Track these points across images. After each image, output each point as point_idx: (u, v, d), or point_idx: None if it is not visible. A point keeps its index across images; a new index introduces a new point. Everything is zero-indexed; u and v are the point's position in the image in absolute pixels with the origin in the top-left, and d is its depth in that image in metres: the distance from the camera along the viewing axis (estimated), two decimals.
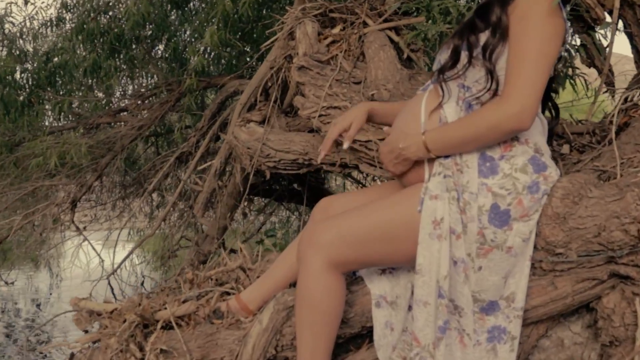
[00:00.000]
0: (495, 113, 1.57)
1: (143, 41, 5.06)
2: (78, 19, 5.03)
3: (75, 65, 4.87)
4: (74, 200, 5.36)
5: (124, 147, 5.20)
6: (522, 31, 1.60)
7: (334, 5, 3.12)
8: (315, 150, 3.27)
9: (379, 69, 2.79)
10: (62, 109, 4.97)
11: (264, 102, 3.78)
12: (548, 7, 1.60)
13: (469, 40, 1.69)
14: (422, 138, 1.66)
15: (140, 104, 5.12)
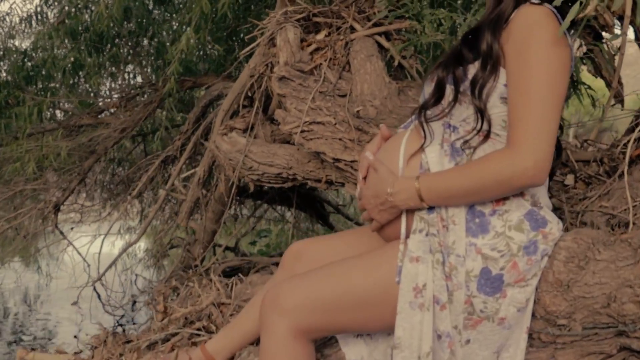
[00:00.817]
0: (506, 167, 1.31)
1: (126, 38, 4.80)
2: (58, 15, 4.77)
3: (55, 65, 4.61)
4: (57, 204, 5.15)
5: (107, 149, 4.97)
6: (523, 65, 1.34)
7: (318, 8, 2.86)
8: (299, 165, 3.04)
9: (365, 82, 2.54)
10: (42, 109, 4.73)
11: (247, 108, 3.54)
12: (552, 34, 1.35)
13: (454, 73, 1.44)
14: (416, 184, 1.40)
15: (124, 105, 4.87)
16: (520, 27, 1.37)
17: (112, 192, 5.83)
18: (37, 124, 4.97)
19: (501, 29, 1.41)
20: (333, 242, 1.76)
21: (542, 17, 1.36)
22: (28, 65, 4.82)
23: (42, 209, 5.08)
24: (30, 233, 5.38)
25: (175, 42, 3.61)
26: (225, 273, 5.74)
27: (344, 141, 2.61)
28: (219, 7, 3.08)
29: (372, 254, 1.49)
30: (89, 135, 4.78)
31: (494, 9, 1.45)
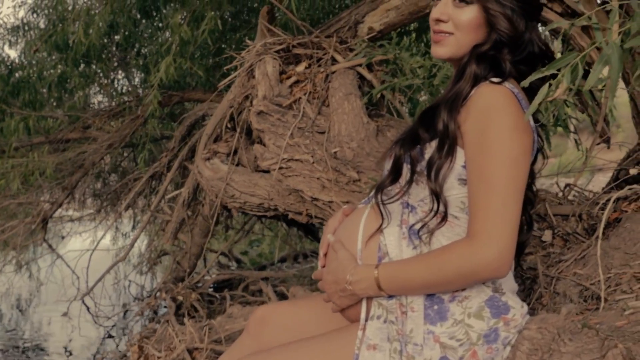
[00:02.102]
0: (467, 260, 1.25)
1: (112, 51, 4.74)
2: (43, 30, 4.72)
3: (41, 79, 4.56)
4: (45, 218, 5.11)
5: (94, 164, 4.92)
6: (482, 151, 1.28)
7: (298, 40, 2.79)
8: (280, 197, 2.99)
9: (343, 122, 2.48)
10: (28, 124, 4.68)
11: (231, 132, 3.48)
12: (512, 118, 1.29)
13: (410, 154, 1.38)
14: (375, 273, 1.35)
15: (111, 118, 4.82)
16: (479, 109, 1.31)
17: (102, 204, 5.79)
18: (24, 138, 4.93)
19: (458, 107, 1.35)
20: (298, 310, 1.70)
21: (501, 100, 1.30)
22: (14, 79, 4.76)
23: (30, 223, 5.04)
24: (19, 245, 5.36)
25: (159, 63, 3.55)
26: (217, 284, 5.74)
27: (322, 180, 2.56)
28: (199, 34, 3.01)
29: (331, 337, 1.44)
30: (76, 150, 4.73)
31: (451, 88, 1.39)
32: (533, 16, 1.43)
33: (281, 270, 6.02)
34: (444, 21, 1.41)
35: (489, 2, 1.36)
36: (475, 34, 1.40)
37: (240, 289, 5.21)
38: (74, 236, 6.11)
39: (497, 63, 1.37)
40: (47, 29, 4.76)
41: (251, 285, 5.22)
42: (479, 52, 1.38)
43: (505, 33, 1.36)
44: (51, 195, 5.14)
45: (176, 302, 5.21)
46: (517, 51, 1.39)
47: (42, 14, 5.04)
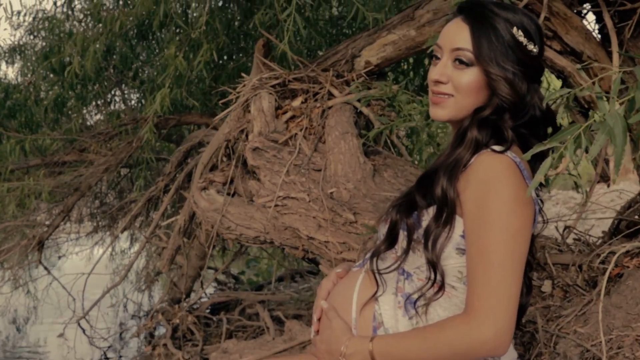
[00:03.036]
0: (463, 337, 1.21)
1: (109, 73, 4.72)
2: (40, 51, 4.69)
3: (37, 102, 4.53)
4: (41, 240, 5.07)
5: (90, 187, 4.89)
6: (482, 223, 1.24)
7: (294, 74, 2.76)
8: (276, 231, 2.95)
9: (339, 162, 2.45)
10: (25, 147, 4.64)
11: (227, 161, 3.45)
12: (513, 190, 1.25)
13: (407, 222, 1.34)
14: (370, 347, 1.31)
15: (107, 142, 4.78)
16: (479, 179, 1.27)
17: (99, 224, 5.75)
18: (20, 160, 4.89)
19: (458, 174, 1.31)
20: None
21: (503, 171, 1.26)
22: (10, 102, 4.73)
23: (26, 245, 5.01)
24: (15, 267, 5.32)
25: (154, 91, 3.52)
26: (214, 305, 5.69)
27: (318, 220, 2.52)
28: (195, 65, 2.98)
29: None
30: (72, 174, 4.69)
31: (451, 153, 1.35)
32: (535, 78, 1.39)
33: (278, 290, 5.98)
34: (443, 82, 1.36)
35: (489, 66, 1.31)
36: (475, 97, 1.36)
37: (237, 312, 5.16)
38: (70, 256, 6.07)
39: (498, 129, 1.33)
40: (43, 51, 4.73)
41: (248, 309, 5.17)
42: (480, 117, 1.34)
43: (506, 98, 1.32)
44: (48, 217, 5.11)
45: (172, 325, 5.17)
46: (519, 115, 1.35)
47: (39, 36, 5.02)
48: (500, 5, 1.36)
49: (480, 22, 1.33)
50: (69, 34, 4.63)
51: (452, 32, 1.37)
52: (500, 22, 1.32)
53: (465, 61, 1.33)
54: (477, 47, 1.32)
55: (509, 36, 1.32)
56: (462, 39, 1.34)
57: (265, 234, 2.99)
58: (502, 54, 1.31)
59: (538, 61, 1.38)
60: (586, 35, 2.45)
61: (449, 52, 1.35)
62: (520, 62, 1.33)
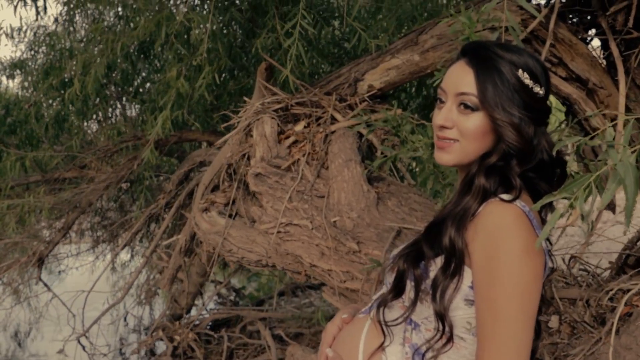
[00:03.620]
0: None
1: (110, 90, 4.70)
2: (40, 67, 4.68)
3: (38, 120, 4.51)
4: (41, 257, 5.05)
5: (91, 203, 4.86)
6: (491, 276, 1.21)
7: (296, 99, 2.74)
8: (278, 256, 2.92)
9: (343, 190, 2.42)
10: (25, 164, 4.62)
11: (228, 182, 3.42)
12: (523, 242, 1.21)
13: (414, 273, 1.31)
14: None
15: (108, 158, 4.76)
16: (488, 230, 1.23)
17: (99, 239, 5.73)
18: (21, 176, 4.87)
19: (466, 224, 1.28)
20: None
21: (512, 221, 1.23)
22: (10, 119, 4.71)
23: (26, 262, 4.98)
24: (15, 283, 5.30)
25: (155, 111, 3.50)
26: (214, 322, 5.66)
27: (321, 247, 2.49)
28: (196, 88, 2.96)
29: None
30: (72, 191, 4.67)
31: (458, 201, 1.32)
32: (541, 121, 1.35)
33: (279, 305, 5.94)
34: (448, 128, 1.33)
35: (495, 111, 1.28)
36: (481, 142, 1.32)
37: (238, 329, 5.13)
38: (70, 271, 6.04)
39: (506, 176, 1.30)
40: (44, 67, 4.72)
41: (249, 326, 5.14)
42: (487, 165, 1.31)
43: (513, 145, 1.29)
44: (48, 233, 5.08)
45: (173, 341, 5.14)
46: (527, 160, 1.32)
47: (40, 51, 5.01)
48: (505, 47, 1.33)
49: (485, 65, 1.30)
50: (69, 50, 4.64)
51: (456, 75, 1.33)
52: (505, 65, 1.29)
53: (470, 106, 1.30)
54: (482, 92, 1.28)
55: (515, 79, 1.29)
56: (467, 83, 1.30)
57: (267, 257, 2.96)
58: (507, 98, 1.28)
59: (544, 103, 1.35)
60: (592, 62, 2.43)
61: (454, 97, 1.32)
62: (527, 106, 1.29)
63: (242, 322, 5.15)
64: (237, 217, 3.22)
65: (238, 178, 3.16)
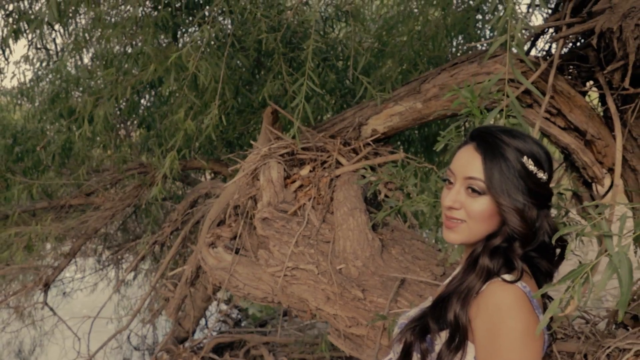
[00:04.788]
0: None
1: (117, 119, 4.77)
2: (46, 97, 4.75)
3: (45, 149, 4.58)
4: (47, 283, 5.11)
5: (97, 230, 4.93)
6: (492, 354, 1.28)
7: (302, 144, 2.81)
8: (284, 295, 2.99)
9: (348, 239, 2.49)
10: (32, 192, 4.69)
11: (234, 217, 3.49)
12: (524, 324, 1.28)
13: (420, 346, 1.38)
14: None
15: (114, 186, 4.83)
16: (490, 310, 1.31)
17: (104, 263, 5.79)
18: (28, 203, 4.94)
19: (470, 301, 1.35)
20: None
21: (513, 303, 1.30)
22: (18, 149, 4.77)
23: (32, 288, 5.05)
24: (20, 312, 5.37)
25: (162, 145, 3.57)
26: (218, 345, 5.71)
27: (327, 292, 2.56)
28: (203, 129, 3.03)
29: None
30: (79, 218, 4.73)
31: (463, 278, 1.39)
32: (544, 204, 1.43)
33: (282, 327, 6.00)
34: (456, 209, 1.41)
35: (500, 197, 1.35)
36: (487, 223, 1.40)
37: (242, 353, 5.19)
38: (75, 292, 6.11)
39: (509, 258, 1.37)
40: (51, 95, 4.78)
41: (252, 350, 5.20)
42: (491, 246, 1.38)
43: (516, 230, 1.36)
44: (54, 259, 5.15)
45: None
46: (529, 243, 1.39)
47: (46, 80, 5.08)
48: (511, 133, 1.40)
49: (492, 152, 1.37)
50: (76, 78, 4.70)
51: (465, 160, 1.41)
52: (511, 152, 1.36)
53: (477, 190, 1.37)
54: (488, 178, 1.36)
55: (520, 166, 1.36)
56: (475, 169, 1.38)
57: (274, 295, 3.03)
58: (513, 184, 1.35)
59: (547, 188, 1.42)
60: (589, 114, 2.50)
61: (462, 180, 1.40)
62: (531, 192, 1.37)
63: (246, 346, 5.20)
64: (243, 250, 3.29)
65: (244, 214, 3.23)
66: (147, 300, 4.67)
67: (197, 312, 5.49)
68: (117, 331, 4.74)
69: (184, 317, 5.62)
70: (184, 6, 3.08)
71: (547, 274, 1.42)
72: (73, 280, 5.75)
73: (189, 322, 5.59)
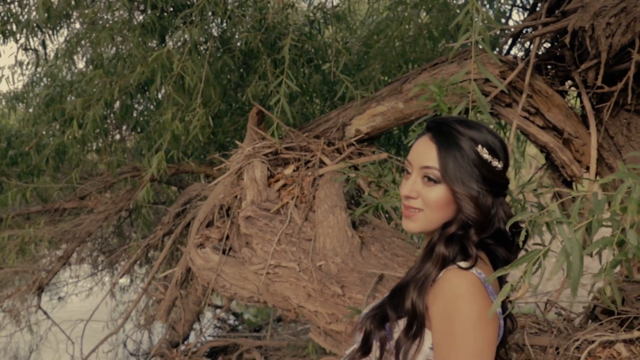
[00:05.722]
0: None
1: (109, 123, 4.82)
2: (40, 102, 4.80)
3: (38, 152, 4.62)
4: (41, 286, 5.14)
5: (90, 234, 4.97)
6: (448, 341, 1.30)
7: (286, 144, 2.84)
8: (269, 294, 3.01)
9: (328, 236, 2.51)
10: (26, 196, 4.72)
11: (222, 219, 3.52)
12: (478, 309, 1.31)
13: (379, 334, 1.41)
14: None
15: (107, 190, 4.87)
16: (445, 296, 1.33)
17: (98, 267, 5.82)
18: (21, 206, 4.98)
19: (427, 289, 1.38)
20: None
21: (468, 288, 1.32)
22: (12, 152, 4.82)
23: (25, 291, 5.08)
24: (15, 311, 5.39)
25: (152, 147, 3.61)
26: (211, 350, 5.73)
27: (308, 289, 2.58)
28: (191, 130, 3.07)
29: None
30: (72, 221, 4.77)
31: (420, 266, 1.42)
32: (500, 192, 1.45)
33: (276, 332, 6.02)
34: (413, 198, 1.44)
35: (455, 185, 1.38)
36: (444, 211, 1.43)
37: (235, 357, 5.21)
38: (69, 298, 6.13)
39: (464, 245, 1.40)
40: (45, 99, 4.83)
41: (245, 354, 5.22)
42: (447, 234, 1.41)
43: (471, 217, 1.39)
44: (48, 262, 5.18)
45: None
46: (484, 230, 1.42)
47: (40, 84, 5.14)
48: (466, 123, 1.44)
49: (447, 141, 1.40)
50: (70, 83, 4.76)
51: (421, 150, 1.44)
52: (465, 142, 1.39)
53: (433, 178, 1.40)
54: (443, 166, 1.39)
55: (474, 154, 1.39)
56: (430, 158, 1.41)
57: (259, 294, 3.05)
58: (467, 172, 1.38)
59: (503, 176, 1.45)
60: (567, 112, 2.53)
61: (418, 169, 1.43)
62: (485, 180, 1.39)
63: (239, 350, 5.22)
64: (231, 251, 3.32)
65: (231, 215, 3.26)
66: (139, 302, 4.68)
67: (190, 316, 5.52)
68: (109, 334, 4.76)
69: (178, 321, 5.65)
70: (172, 8, 3.13)
71: (505, 261, 1.44)
72: (67, 285, 5.77)
73: (182, 326, 5.62)
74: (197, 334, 5.81)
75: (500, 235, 1.45)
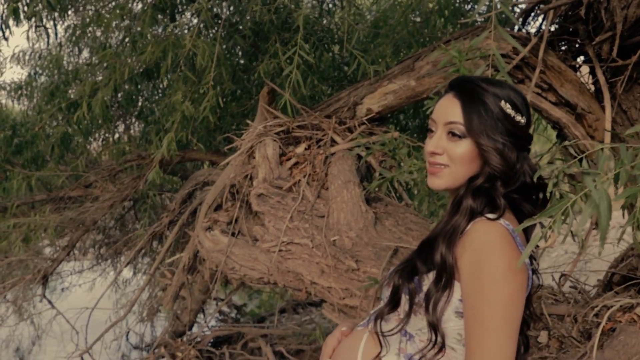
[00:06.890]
0: None
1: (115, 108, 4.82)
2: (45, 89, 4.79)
3: (44, 140, 4.62)
4: (45, 275, 5.13)
5: (95, 222, 4.96)
6: (477, 291, 1.31)
7: (298, 122, 2.84)
8: (279, 274, 3.01)
9: (342, 211, 2.51)
10: (31, 183, 4.72)
11: (231, 202, 3.52)
12: (506, 259, 1.31)
13: (409, 287, 1.41)
14: None
15: (112, 178, 4.86)
16: (474, 247, 1.34)
17: (102, 256, 5.81)
18: (26, 195, 4.97)
19: (456, 241, 1.38)
20: None
21: (496, 239, 1.33)
22: (17, 140, 4.81)
23: (30, 280, 5.07)
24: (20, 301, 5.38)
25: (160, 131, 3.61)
26: (216, 339, 5.72)
27: (321, 265, 2.59)
28: (201, 110, 3.07)
29: None
30: (77, 210, 4.76)
31: (448, 220, 1.42)
32: (523, 147, 1.46)
33: (280, 322, 6.01)
34: (439, 154, 1.44)
35: (480, 138, 1.39)
36: (469, 166, 1.43)
37: (240, 346, 5.20)
38: (73, 288, 6.13)
39: (491, 197, 1.40)
40: (50, 88, 4.82)
41: (250, 342, 5.21)
42: (474, 187, 1.41)
43: (497, 167, 1.39)
44: (52, 251, 5.18)
45: (175, 358, 5.20)
46: (510, 183, 1.42)
47: (45, 73, 5.13)
48: (489, 80, 1.45)
49: (471, 97, 1.41)
50: (75, 72, 4.75)
51: (445, 107, 1.45)
52: (489, 97, 1.41)
53: (457, 134, 1.41)
54: (468, 121, 1.40)
55: (498, 109, 1.40)
56: (454, 113, 1.42)
57: (269, 275, 3.05)
58: (491, 126, 1.39)
59: (526, 131, 1.46)
60: (580, 88, 2.53)
61: (443, 126, 1.43)
62: (509, 133, 1.40)
63: (244, 339, 5.21)
64: (240, 235, 3.31)
65: (241, 197, 3.26)
66: (145, 290, 4.67)
67: (195, 305, 5.51)
68: (114, 322, 4.75)
69: (182, 310, 5.64)
70: None
71: (530, 216, 1.45)
72: (72, 274, 5.76)
73: (187, 315, 5.61)
74: (200, 325, 5.79)
75: (526, 189, 1.46)
